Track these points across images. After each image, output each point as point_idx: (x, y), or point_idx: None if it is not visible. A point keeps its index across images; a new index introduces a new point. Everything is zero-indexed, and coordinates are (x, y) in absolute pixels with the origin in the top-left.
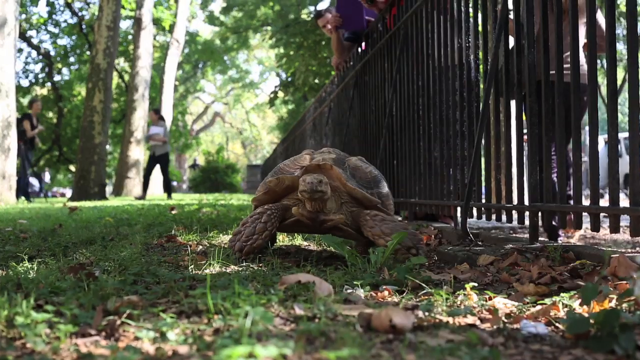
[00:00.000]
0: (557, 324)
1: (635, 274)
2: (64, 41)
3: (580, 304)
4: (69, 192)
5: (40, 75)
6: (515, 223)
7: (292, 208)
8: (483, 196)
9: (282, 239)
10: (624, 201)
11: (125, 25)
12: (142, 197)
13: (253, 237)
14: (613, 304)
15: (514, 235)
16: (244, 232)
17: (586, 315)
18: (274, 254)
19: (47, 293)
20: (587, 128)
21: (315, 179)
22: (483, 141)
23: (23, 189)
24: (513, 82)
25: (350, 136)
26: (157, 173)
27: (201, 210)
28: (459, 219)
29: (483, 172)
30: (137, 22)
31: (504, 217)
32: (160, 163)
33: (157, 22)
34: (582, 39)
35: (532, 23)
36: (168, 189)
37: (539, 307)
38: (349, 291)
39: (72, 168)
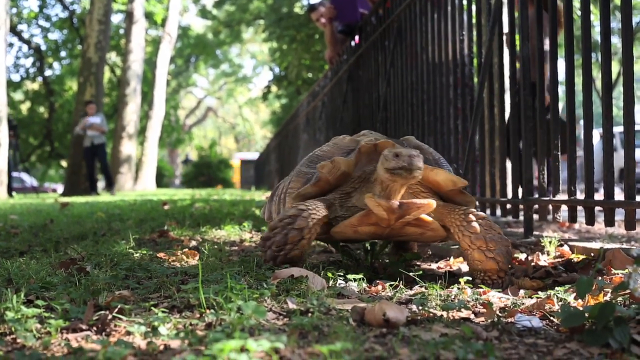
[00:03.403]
0: (551, 318)
1: (631, 268)
2: (55, 35)
3: (575, 298)
4: (59, 188)
5: (31, 70)
6: (510, 217)
7: (354, 199)
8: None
9: None
10: (619, 195)
11: (117, 19)
12: (95, 193)
13: (286, 248)
14: (608, 297)
15: (508, 229)
16: (274, 240)
17: (581, 308)
18: None
19: (38, 288)
20: (581, 122)
21: (415, 150)
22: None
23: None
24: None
25: (344, 130)
26: (150, 169)
27: (194, 205)
28: None
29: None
30: (129, 16)
31: (498, 211)
32: (98, 153)
33: (149, 15)
34: None
35: (526, 16)
36: (109, 182)
37: (533, 301)
38: (342, 285)
39: (64, 163)
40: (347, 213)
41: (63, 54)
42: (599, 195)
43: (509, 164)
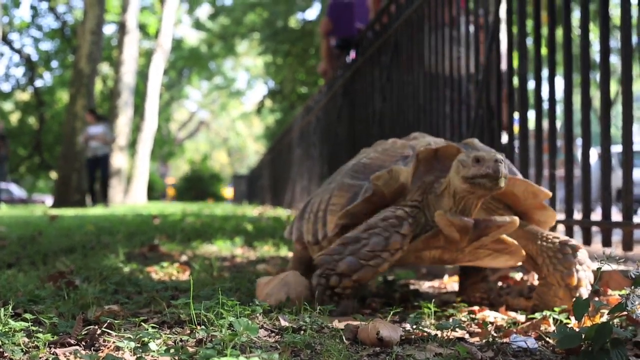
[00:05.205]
0: (547, 339)
1: (628, 289)
2: (46, 45)
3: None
4: (48, 200)
5: (21, 80)
6: None
7: (417, 217)
8: None
9: (268, 249)
10: (617, 215)
11: (109, 30)
12: (105, 204)
13: (382, 255)
14: (605, 318)
15: None
16: (368, 242)
17: (577, 330)
18: (256, 263)
19: (26, 301)
20: (579, 141)
21: (500, 156)
22: None
23: None
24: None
25: (339, 146)
26: (140, 182)
27: (185, 219)
28: None
29: None
30: (122, 27)
31: None
32: (101, 165)
33: (142, 27)
34: None
35: (525, 32)
36: (105, 194)
37: (529, 322)
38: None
39: (53, 175)
40: (417, 230)
41: (54, 64)
42: (596, 216)
43: None
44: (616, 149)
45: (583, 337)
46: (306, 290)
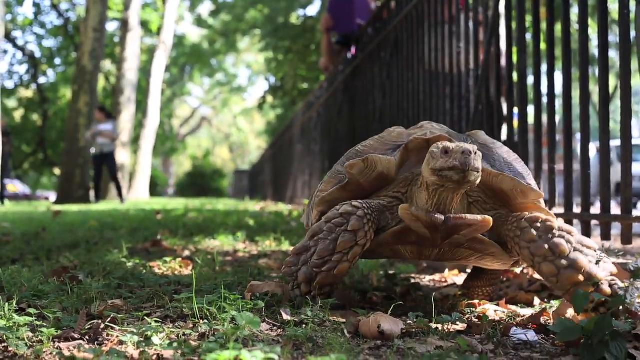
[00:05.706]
0: (547, 331)
1: (627, 282)
2: (49, 42)
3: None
4: (52, 196)
5: (25, 77)
6: None
7: (395, 208)
8: None
9: (269, 244)
10: (616, 209)
11: (112, 27)
12: (121, 201)
13: (333, 259)
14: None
15: None
16: (316, 249)
17: (577, 322)
18: (258, 257)
19: (30, 296)
20: (578, 135)
21: (470, 147)
22: None
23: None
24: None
25: (340, 142)
26: (143, 178)
27: (187, 215)
28: None
29: None
30: (124, 24)
31: None
32: (107, 162)
33: (144, 24)
34: None
35: (524, 27)
36: (119, 191)
37: (529, 314)
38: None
39: (57, 171)
40: (394, 223)
41: (57, 61)
42: (595, 209)
43: None
44: (615, 143)
45: (583, 329)
46: None
